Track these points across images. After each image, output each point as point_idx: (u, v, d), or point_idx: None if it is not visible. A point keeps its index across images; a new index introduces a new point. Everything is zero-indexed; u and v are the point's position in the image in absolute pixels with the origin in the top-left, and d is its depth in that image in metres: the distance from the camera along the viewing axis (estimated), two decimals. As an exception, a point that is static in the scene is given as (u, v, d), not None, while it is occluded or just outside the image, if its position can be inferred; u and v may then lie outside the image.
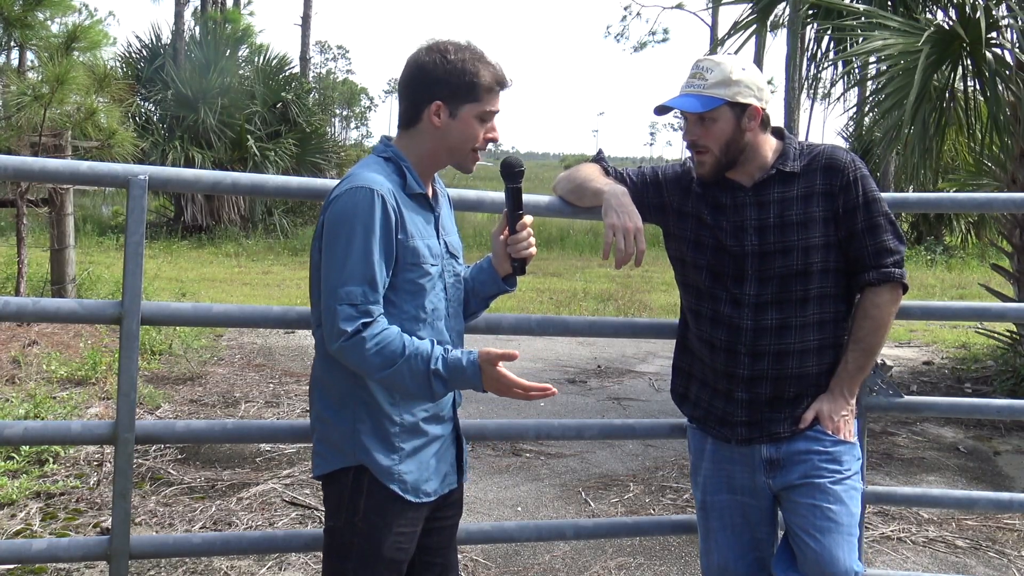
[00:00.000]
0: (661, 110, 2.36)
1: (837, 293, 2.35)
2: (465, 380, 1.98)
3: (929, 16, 6.56)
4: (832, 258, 2.32)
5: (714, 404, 2.41)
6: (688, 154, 2.42)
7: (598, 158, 2.58)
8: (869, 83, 6.96)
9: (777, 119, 4.86)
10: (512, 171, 2.21)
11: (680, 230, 2.44)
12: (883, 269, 2.32)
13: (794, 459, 2.33)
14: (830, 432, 2.32)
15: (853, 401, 2.36)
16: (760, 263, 2.32)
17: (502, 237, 2.25)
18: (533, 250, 2.23)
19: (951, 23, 6.28)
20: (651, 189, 2.48)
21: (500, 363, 1.97)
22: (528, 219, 2.23)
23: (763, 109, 2.31)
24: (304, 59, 23.60)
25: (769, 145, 2.36)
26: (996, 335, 7.39)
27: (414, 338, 1.99)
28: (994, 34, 6.16)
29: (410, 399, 2.06)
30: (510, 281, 2.30)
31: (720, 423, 2.40)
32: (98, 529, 3.83)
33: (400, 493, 2.06)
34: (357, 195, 1.99)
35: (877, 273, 2.32)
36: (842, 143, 20.96)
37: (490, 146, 2.19)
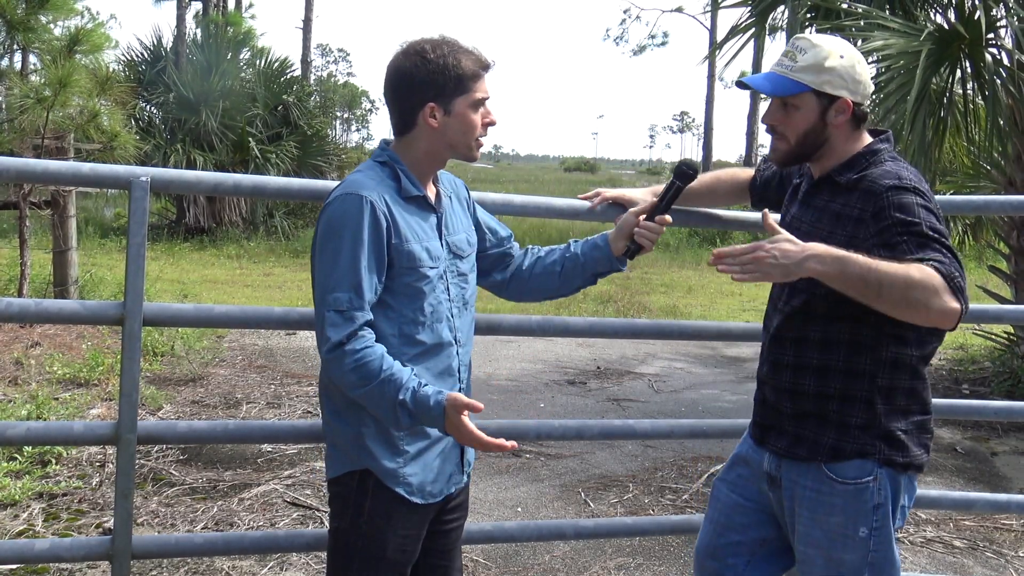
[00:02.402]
0: (741, 85, 2.19)
1: (853, 314, 2.07)
2: (431, 419, 1.96)
3: (929, 17, 6.57)
4: None
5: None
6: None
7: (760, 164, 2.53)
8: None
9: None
10: (685, 172, 2.33)
11: None
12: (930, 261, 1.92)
13: (789, 490, 2.21)
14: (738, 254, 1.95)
15: (818, 257, 1.91)
16: None
17: (641, 217, 2.33)
18: (651, 245, 2.33)
19: (950, 24, 6.30)
20: (775, 182, 2.45)
21: (465, 412, 1.95)
22: (668, 219, 2.34)
23: (855, 104, 2.10)
24: (305, 62, 23.63)
25: (858, 145, 2.15)
26: (993, 337, 7.41)
27: (397, 363, 1.96)
28: (991, 35, 6.18)
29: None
30: (622, 261, 2.37)
31: (753, 421, 2.38)
32: (100, 529, 3.85)
33: (406, 496, 2.06)
34: (347, 202, 1.99)
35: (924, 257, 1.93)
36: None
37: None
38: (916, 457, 2.15)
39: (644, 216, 2.33)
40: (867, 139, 2.18)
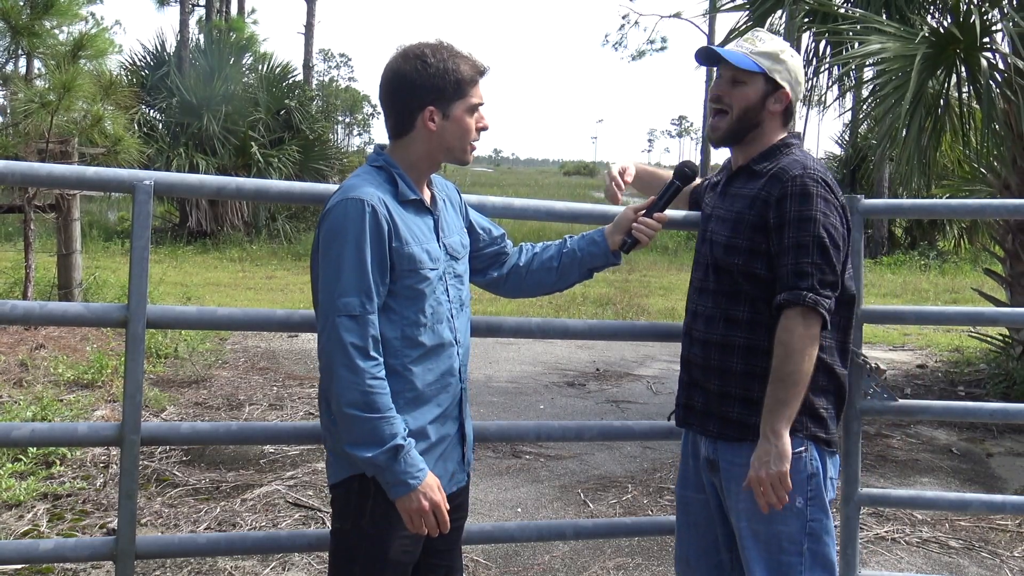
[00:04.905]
0: (705, 54, 2.33)
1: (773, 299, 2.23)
2: (409, 476, 1.98)
3: (925, 21, 6.62)
4: (759, 265, 2.23)
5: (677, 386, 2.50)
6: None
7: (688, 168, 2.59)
8: (864, 89, 7.02)
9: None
10: (685, 172, 2.48)
11: None
12: (795, 291, 2.14)
13: (727, 471, 2.29)
14: (759, 490, 2.12)
15: (782, 442, 2.12)
16: (710, 250, 2.35)
17: (639, 213, 2.43)
18: (648, 241, 2.42)
19: (945, 27, 6.34)
20: (703, 196, 2.59)
21: (437, 508, 2.01)
22: (666, 216, 2.47)
23: (792, 100, 2.32)
24: (307, 67, 23.67)
25: (775, 139, 2.34)
26: (989, 339, 7.44)
27: (394, 408, 2.00)
28: (987, 39, 6.21)
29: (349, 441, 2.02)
30: (617, 255, 2.46)
31: (677, 403, 2.47)
32: (104, 530, 3.88)
33: None
34: (348, 207, 2.02)
35: (789, 294, 2.15)
36: (837, 149, 21.04)
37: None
38: (833, 435, 2.30)
39: (643, 213, 2.43)
40: (783, 135, 2.37)
